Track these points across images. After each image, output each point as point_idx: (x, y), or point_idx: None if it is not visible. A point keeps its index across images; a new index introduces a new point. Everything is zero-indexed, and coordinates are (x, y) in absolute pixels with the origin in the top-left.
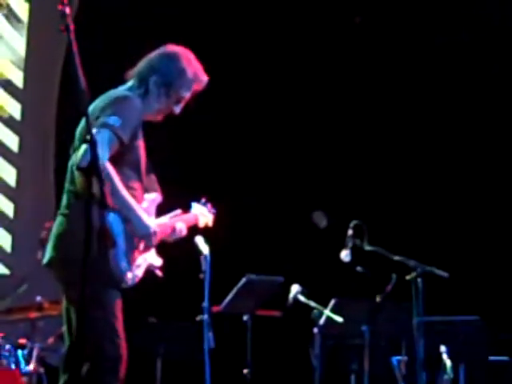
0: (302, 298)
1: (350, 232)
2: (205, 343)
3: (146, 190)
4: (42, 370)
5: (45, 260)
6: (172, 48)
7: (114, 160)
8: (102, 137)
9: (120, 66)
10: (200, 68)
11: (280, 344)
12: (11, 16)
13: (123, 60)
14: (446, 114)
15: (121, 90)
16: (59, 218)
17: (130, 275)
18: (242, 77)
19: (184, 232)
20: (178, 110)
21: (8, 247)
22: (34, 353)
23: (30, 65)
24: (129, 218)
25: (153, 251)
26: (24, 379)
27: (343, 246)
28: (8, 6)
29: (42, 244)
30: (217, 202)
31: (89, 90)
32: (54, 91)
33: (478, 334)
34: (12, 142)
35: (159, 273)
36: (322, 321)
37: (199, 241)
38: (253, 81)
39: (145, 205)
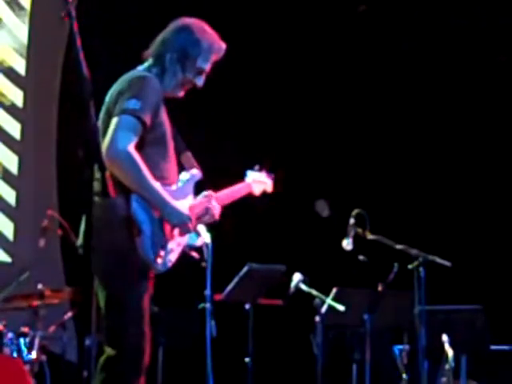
0: (303, 287)
1: (352, 221)
2: (207, 331)
3: (183, 168)
4: (44, 358)
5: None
6: (184, 21)
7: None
8: (124, 123)
9: (121, 52)
10: (216, 36)
11: (282, 333)
12: (14, 3)
13: (124, 47)
14: (449, 101)
15: (138, 70)
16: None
17: (160, 260)
18: (246, 65)
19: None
20: (200, 82)
21: (10, 235)
22: (36, 341)
23: (32, 52)
24: (158, 207)
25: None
26: (26, 367)
27: (345, 235)
28: None
29: (44, 232)
30: (219, 188)
31: (91, 77)
32: (57, 78)
33: (479, 323)
34: (14, 129)
35: (195, 255)
36: (323, 309)
37: (201, 229)
38: (256, 70)
39: (180, 184)
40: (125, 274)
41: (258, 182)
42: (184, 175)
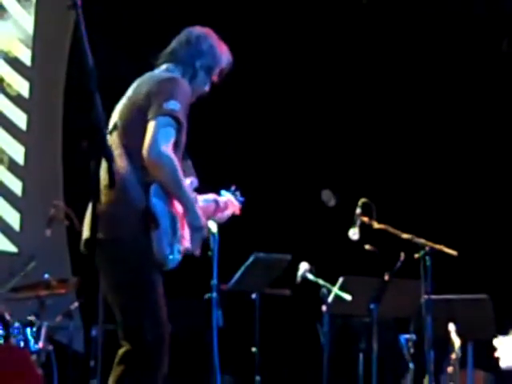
0: (310, 276)
1: (359, 210)
2: (213, 321)
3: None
4: (50, 347)
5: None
6: (205, 29)
7: None
8: (165, 125)
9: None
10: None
11: (288, 322)
12: None
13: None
14: (456, 89)
15: (165, 72)
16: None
17: (171, 257)
18: (249, 61)
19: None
20: (207, 88)
21: (16, 225)
22: (43, 331)
23: (38, 43)
24: (188, 209)
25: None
26: (33, 357)
27: (351, 224)
28: None
29: (50, 222)
30: (226, 180)
31: (97, 68)
32: (62, 69)
33: (486, 313)
34: (20, 119)
35: (197, 252)
36: (330, 299)
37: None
38: (261, 64)
39: None
40: (141, 267)
41: (230, 202)
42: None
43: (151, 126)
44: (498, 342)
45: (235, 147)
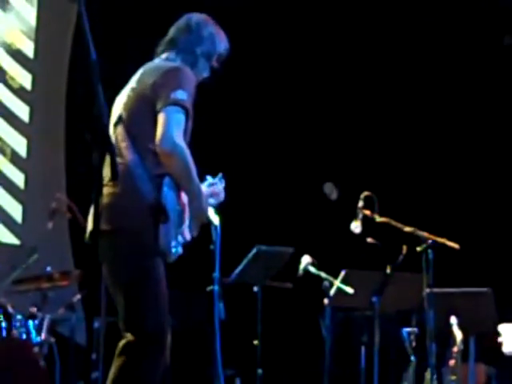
0: (312, 269)
1: (361, 203)
2: (215, 314)
3: None
4: (52, 339)
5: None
6: (203, 16)
7: None
8: (175, 115)
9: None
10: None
11: (290, 315)
12: None
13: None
14: (456, 82)
15: (168, 60)
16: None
17: (174, 250)
18: (252, 52)
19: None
20: (207, 75)
21: (19, 218)
22: (45, 323)
23: (40, 35)
24: (196, 201)
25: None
26: (35, 349)
27: (354, 218)
28: None
29: (53, 214)
30: (228, 172)
31: (100, 61)
32: (65, 61)
33: (488, 306)
34: (23, 112)
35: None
36: (332, 292)
37: (209, 211)
38: (263, 56)
39: None
40: (145, 258)
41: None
42: None
43: (161, 117)
44: (502, 327)
45: (238, 140)
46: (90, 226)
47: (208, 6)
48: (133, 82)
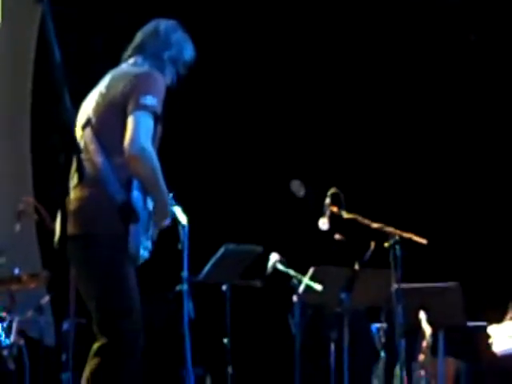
0: (280, 267)
1: (328, 200)
2: (184, 313)
3: None
4: (22, 342)
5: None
6: (169, 21)
7: None
8: (144, 120)
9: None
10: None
11: (259, 313)
12: None
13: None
14: (425, 81)
15: (136, 65)
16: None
17: (141, 252)
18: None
19: None
20: (174, 81)
21: None
22: (14, 325)
23: (4, 36)
24: (162, 204)
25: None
26: (5, 352)
27: (321, 215)
28: None
29: (20, 216)
30: (195, 170)
31: (64, 62)
32: (30, 62)
33: (456, 300)
34: None
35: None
36: (301, 289)
37: (177, 211)
38: (241, 56)
39: None
40: (115, 260)
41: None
42: None
43: (130, 122)
44: (491, 329)
45: (204, 138)
46: (58, 230)
47: (206, 3)
48: (101, 87)
